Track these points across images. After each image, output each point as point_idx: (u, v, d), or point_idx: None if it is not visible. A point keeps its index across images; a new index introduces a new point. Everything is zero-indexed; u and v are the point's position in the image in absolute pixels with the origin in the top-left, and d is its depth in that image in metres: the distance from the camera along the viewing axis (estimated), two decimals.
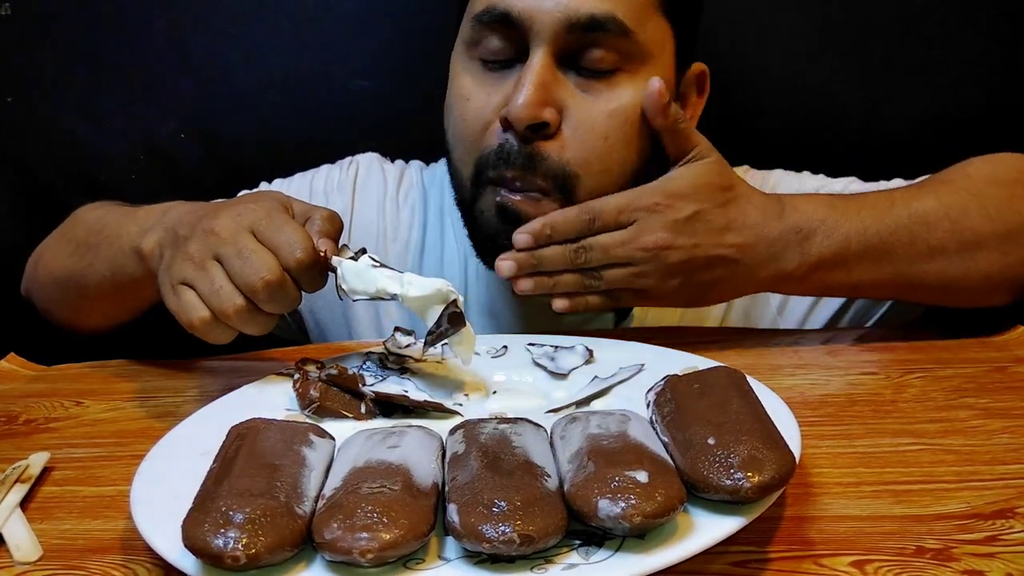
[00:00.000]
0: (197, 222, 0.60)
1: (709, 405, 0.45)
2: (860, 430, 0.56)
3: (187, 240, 0.60)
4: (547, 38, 0.68)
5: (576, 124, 0.70)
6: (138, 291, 0.72)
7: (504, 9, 0.68)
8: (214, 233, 0.58)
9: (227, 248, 0.57)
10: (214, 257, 0.58)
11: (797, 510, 0.46)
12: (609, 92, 0.70)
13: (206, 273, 0.58)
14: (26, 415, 0.66)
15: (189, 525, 0.38)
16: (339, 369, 0.58)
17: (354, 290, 0.60)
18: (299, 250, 0.57)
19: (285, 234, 0.58)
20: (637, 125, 0.70)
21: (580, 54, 0.69)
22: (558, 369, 0.63)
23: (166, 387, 0.70)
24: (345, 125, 1.14)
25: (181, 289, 0.59)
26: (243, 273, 0.56)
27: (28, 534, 0.47)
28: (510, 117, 0.68)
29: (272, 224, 0.58)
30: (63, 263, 0.78)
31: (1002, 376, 0.64)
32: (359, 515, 0.38)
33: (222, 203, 0.64)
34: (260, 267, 0.56)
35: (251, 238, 0.58)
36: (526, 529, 0.37)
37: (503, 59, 0.71)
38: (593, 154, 0.70)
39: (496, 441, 0.44)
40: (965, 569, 0.40)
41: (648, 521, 0.37)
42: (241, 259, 0.57)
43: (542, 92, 0.68)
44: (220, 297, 0.57)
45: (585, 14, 0.67)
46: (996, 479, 0.49)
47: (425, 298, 0.59)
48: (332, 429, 0.52)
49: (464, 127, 0.73)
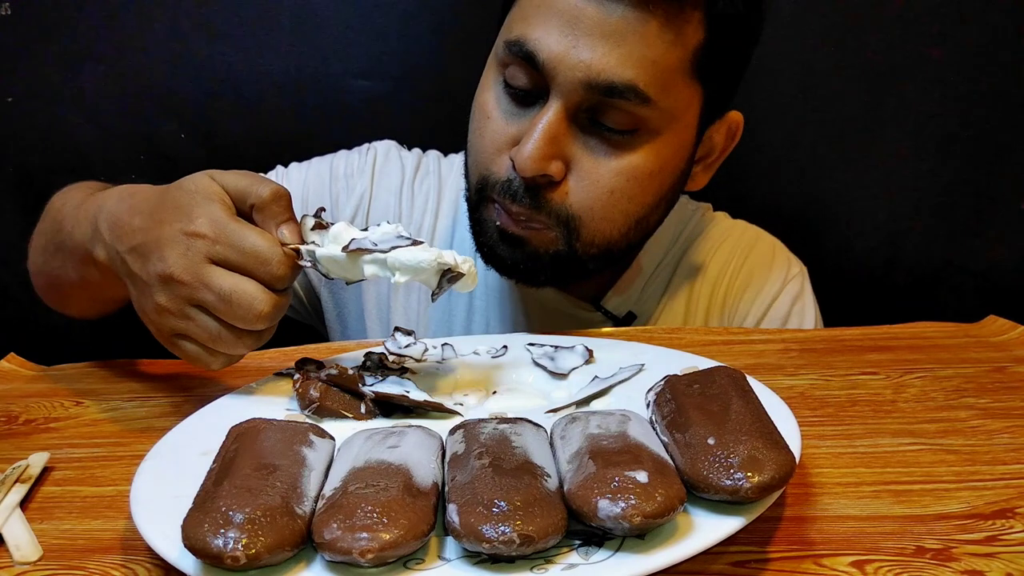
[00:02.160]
0: (144, 258, 0.56)
1: (709, 405, 0.45)
2: (860, 430, 0.56)
3: (148, 286, 0.56)
4: (565, 93, 0.67)
5: (582, 177, 0.70)
6: (107, 291, 0.71)
7: (531, 51, 0.67)
8: (175, 280, 0.54)
9: (202, 295, 0.54)
10: (190, 304, 0.55)
11: (797, 510, 0.46)
12: (621, 151, 0.69)
13: (195, 323, 0.55)
14: (26, 415, 0.66)
15: (189, 525, 0.38)
16: (339, 369, 0.58)
17: (339, 275, 0.57)
18: (274, 264, 0.54)
19: (249, 251, 0.54)
20: (644, 183, 0.71)
21: (597, 111, 0.68)
22: (558, 369, 0.63)
23: (166, 387, 0.70)
24: (345, 125, 1.14)
25: (178, 342, 0.57)
26: (233, 316, 0.54)
27: (28, 534, 0.47)
28: (516, 165, 0.69)
29: (229, 245, 0.54)
30: (38, 257, 0.78)
31: (1002, 376, 0.64)
32: (359, 515, 0.38)
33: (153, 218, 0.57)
34: (248, 304, 0.53)
35: (217, 273, 0.54)
36: (526, 529, 0.37)
37: (526, 92, 0.70)
38: (597, 204, 0.70)
39: (496, 441, 0.44)
40: (965, 569, 0.40)
41: (648, 521, 0.37)
42: (223, 303, 0.54)
43: (550, 147, 0.67)
44: (223, 342, 0.55)
45: (605, 80, 0.66)
46: (996, 479, 0.49)
47: (416, 274, 0.55)
48: (332, 429, 0.52)
49: (480, 143, 0.73)
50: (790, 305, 0.86)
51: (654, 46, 0.66)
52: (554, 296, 0.84)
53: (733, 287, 0.87)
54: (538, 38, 0.67)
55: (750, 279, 0.87)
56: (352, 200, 0.88)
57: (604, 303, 0.85)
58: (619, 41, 0.65)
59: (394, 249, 0.55)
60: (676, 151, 0.72)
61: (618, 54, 0.65)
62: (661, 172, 0.71)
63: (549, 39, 0.67)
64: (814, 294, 0.89)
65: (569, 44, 0.66)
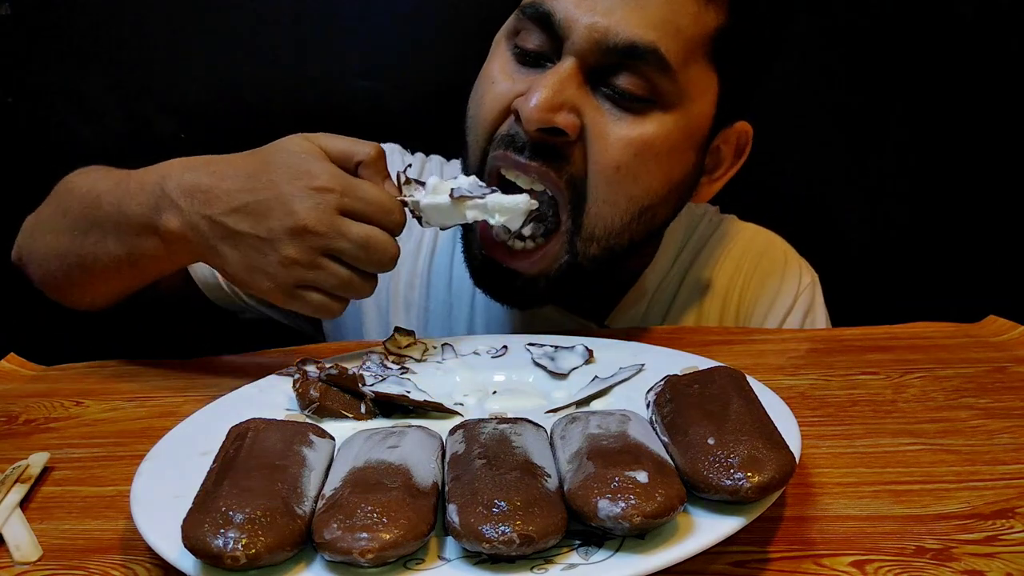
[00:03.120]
0: (261, 216, 0.60)
1: (709, 405, 0.45)
2: (860, 430, 0.56)
3: (270, 242, 0.60)
4: (579, 51, 0.65)
5: (591, 142, 0.67)
6: (155, 266, 0.70)
7: (547, 10, 0.66)
8: (308, 231, 0.59)
9: (338, 243, 0.59)
10: (323, 253, 0.59)
11: (797, 510, 0.46)
12: (633, 120, 0.67)
13: (324, 272, 0.60)
14: (26, 415, 0.66)
15: (189, 525, 0.38)
16: (339, 369, 0.58)
17: (438, 223, 0.65)
18: (396, 213, 0.61)
19: (375, 202, 0.60)
20: (651, 164, 0.68)
21: (612, 75, 0.66)
22: (558, 369, 0.63)
23: (166, 387, 0.70)
24: (345, 125, 1.14)
25: (303, 293, 0.61)
26: (370, 259, 0.60)
27: (28, 534, 0.47)
28: (520, 114, 0.66)
29: (357, 197, 0.60)
30: (60, 241, 0.73)
31: (1002, 376, 0.64)
32: (359, 515, 0.38)
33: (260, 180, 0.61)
34: (383, 248, 0.60)
35: (351, 224, 0.59)
36: (526, 529, 0.37)
37: (537, 53, 0.68)
38: (602, 180, 0.68)
39: (496, 441, 0.44)
40: (965, 569, 0.40)
41: (648, 521, 0.37)
42: (361, 248, 0.59)
43: (559, 96, 0.65)
44: (354, 286, 0.61)
45: (625, 39, 0.64)
46: (996, 479, 0.49)
47: (511, 213, 0.64)
48: (332, 429, 0.52)
49: (481, 109, 0.71)
50: (802, 319, 0.86)
51: (680, 13, 0.65)
52: (558, 315, 0.82)
53: (744, 300, 0.86)
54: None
55: (761, 292, 0.86)
56: None
57: (609, 322, 0.84)
58: (643, 3, 0.64)
59: (492, 193, 0.64)
60: (686, 136, 0.69)
61: (641, 15, 0.64)
62: (669, 155, 0.69)
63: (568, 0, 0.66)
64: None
65: (588, 6, 0.65)
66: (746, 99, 0.75)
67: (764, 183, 1.15)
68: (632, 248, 0.73)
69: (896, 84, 1.15)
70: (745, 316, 0.86)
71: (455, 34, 1.13)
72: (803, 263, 0.90)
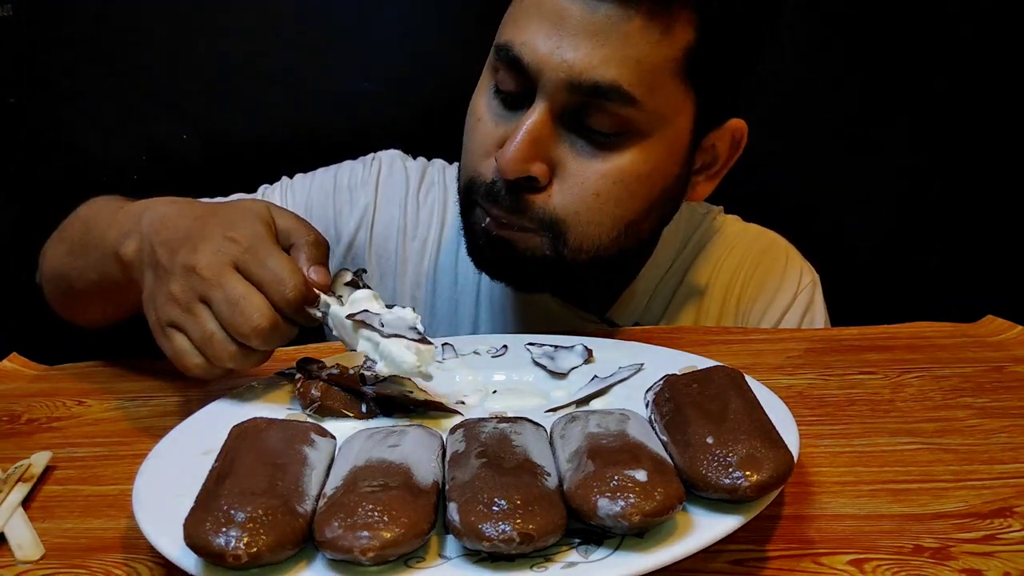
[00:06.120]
0: (176, 250, 0.57)
1: (708, 404, 0.45)
2: (858, 429, 0.56)
3: (168, 274, 0.57)
4: (549, 94, 0.66)
5: (566, 179, 0.68)
6: (123, 295, 0.70)
7: (516, 54, 0.67)
8: (196, 272, 0.55)
9: (213, 292, 0.55)
10: (200, 299, 0.55)
11: (795, 509, 0.46)
12: (607, 154, 0.68)
13: (195, 318, 0.56)
14: (28, 414, 0.66)
15: (191, 524, 0.38)
16: (340, 369, 0.59)
17: (338, 335, 0.59)
18: (289, 289, 0.55)
19: (272, 269, 0.55)
20: (632, 187, 0.69)
21: (583, 114, 0.67)
22: (558, 368, 0.63)
23: (168, 386, 0.70)
24: (345, 125, 1.15)
25: (171, 333, 0.57)
26: (233, 322, 0.54)
27: (30, 533, 0.48)
28: (499, 166, 0.68)
29: (257, 258, 0.56)
30: (59, 261, 0.78)
31: (1000, 376, 0.64)
32: (360, 514, 0.38)
33: (200, 220, 0.59)
34: (250, 314, 0.54)
35: (236, 278, 0.55)
36: (526, 527, 0.37)
37: (514, 96, 0.69)
38: (582, 207, 0.69)
39: (496, 440, 0.44)
40: (963, 568, 0.41)
41: (647, 520, 0.37)
42: (229, 305, 0.54)
43: (533, 148, 0.66)
44: (213, 345, 0.55)
45: (588, 80, 0.65)
46: (994, 478, 0.49)
47: (397, 369, 0.56)
48: (333, 428, 0.52)
49: (469, 145, 0.73)
50: (800, 318, 0.86)
51: (637, 44, 0.65)
52: (559, 309, 0.83)
53: (744, 298, 0.86)
54: (524, 41, 0.67)
55: (760, 290, 0.86)
56: (356, 212, 0.87)
57: (610, 315, 0.84)
58: (603, 40, 0.64)
59: (391, 338, 0.56)
60: (667, 156, 0.70)
61: (601, 53, 0.65)
62: (650, 176, 0.70)
63: (535, 41, 0.66)
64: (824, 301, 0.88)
65: (553, 45, 0.65)
66: (730, 104, 0.75)
67: (764, 183, 1.15)
68: (623, 256, 0.74)
69: (896, 84, 1.15)
70: (744, 314, 0.86)
71: (455, 34, 1.13)
72: (804, 263, 0.90)
